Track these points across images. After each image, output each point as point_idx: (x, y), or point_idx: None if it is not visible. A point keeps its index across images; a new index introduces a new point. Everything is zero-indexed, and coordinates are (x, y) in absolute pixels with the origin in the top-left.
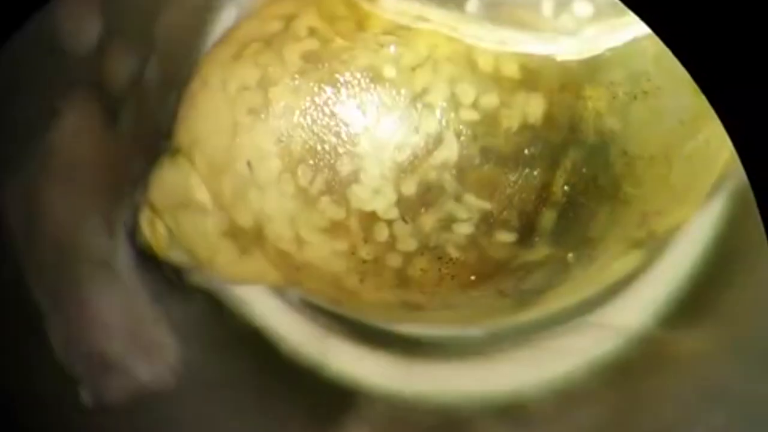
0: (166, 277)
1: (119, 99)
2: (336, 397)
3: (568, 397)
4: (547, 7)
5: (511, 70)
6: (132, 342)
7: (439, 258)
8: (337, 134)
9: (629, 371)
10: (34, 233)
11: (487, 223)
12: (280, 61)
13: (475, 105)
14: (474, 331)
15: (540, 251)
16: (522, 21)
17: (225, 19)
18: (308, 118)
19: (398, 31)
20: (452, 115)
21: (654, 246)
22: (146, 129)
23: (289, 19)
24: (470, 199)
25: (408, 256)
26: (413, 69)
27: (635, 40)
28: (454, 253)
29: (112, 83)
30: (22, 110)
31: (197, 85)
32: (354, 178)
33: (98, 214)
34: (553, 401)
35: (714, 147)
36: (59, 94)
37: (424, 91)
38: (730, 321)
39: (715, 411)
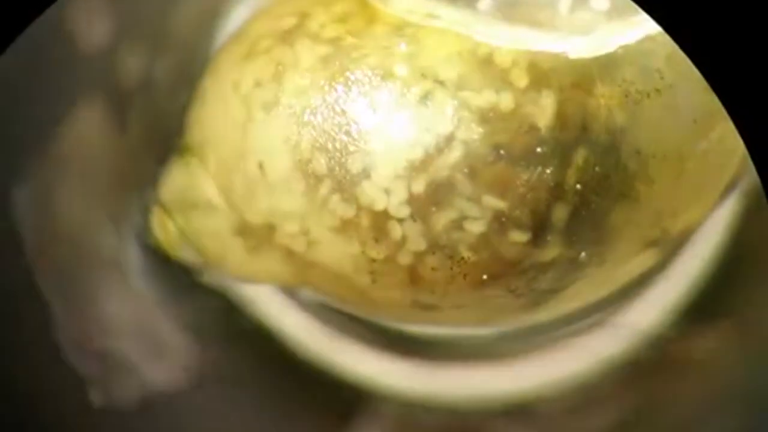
0: (176, 277)
1: (130, 98)
2: (347, 397)
3: (581, 398)
4: (564, 4)
5: (523, 68)
6: (143, 342)
7: (451, 257)
8: (348, 132)
9: (643, 371)
10: (45, 233)
11: (499, 221)
12: (290, 59)
13: (486, 103)
14: (486, 331)
15: (552, 250)
16: (534, 18)
17: (236, 17)
18: (318, 116)
19: (409, 29)
20: (463, 113)
21: (667, 246)
22: (157, 128)
23: (299, 17)
24: (482, 197)
25: (419, 255)
26: (424, 67)
27: (648, 38)
28: (465, 252)
29: (123, 83)
30: (32, 110)
31: (208, 83)
32: (365, 176)
33: (109, 214)
34: (566, 402)
35: (727, 146)
36: (69, 93)
37: (435, 90)
38: (745, 321)
39: (730, 412)
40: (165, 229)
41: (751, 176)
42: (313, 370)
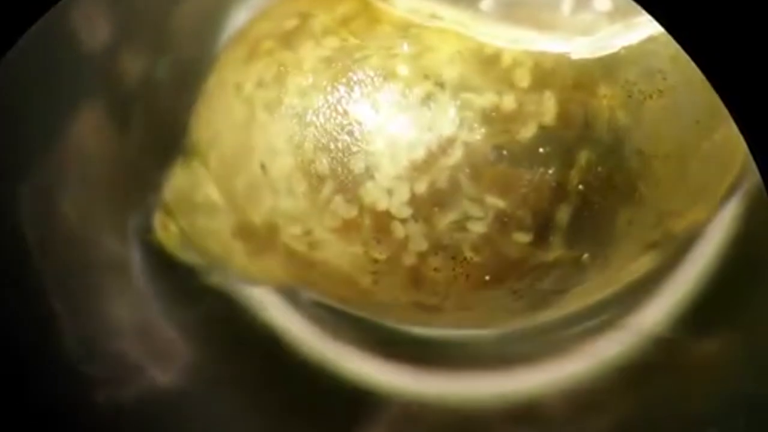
0: (179, 278)
1: (132, 100)
2: (349, 399)
3: (584, 400)
4: (566, 5)
5: (525, 68)
6: (145, 344)
7: (453, 257)
8: (350, 133)
9: (645, 374)
10: (48, 235)
11: (501, 222)
12: (293, 60)
13: (488, 103)
14: (489, 333)
15: (555, 251)
16: (536, 19)
17: (238, 18)
18: (321, 116)
19: (411, 30)
20: (465, 113)
21: (670, 247)
22: (159, 129)
23: (302, 18)
24: (484, 198)
25: (421, 256)
26: (426, 67)
27: (650, 39)
28: (467, 252)
29: (125, 84)
30: (35, 111)
31: (211, 84)
32: (367, 176)
33: (112, 216)
34: (570, 404)
35: (730, 147)
36: (72, 94)
37: (437, 90)
38: (747, 324)
39: (732, 415)
40: (167, 230)
41: (754, 177)
42: (314, 371)
